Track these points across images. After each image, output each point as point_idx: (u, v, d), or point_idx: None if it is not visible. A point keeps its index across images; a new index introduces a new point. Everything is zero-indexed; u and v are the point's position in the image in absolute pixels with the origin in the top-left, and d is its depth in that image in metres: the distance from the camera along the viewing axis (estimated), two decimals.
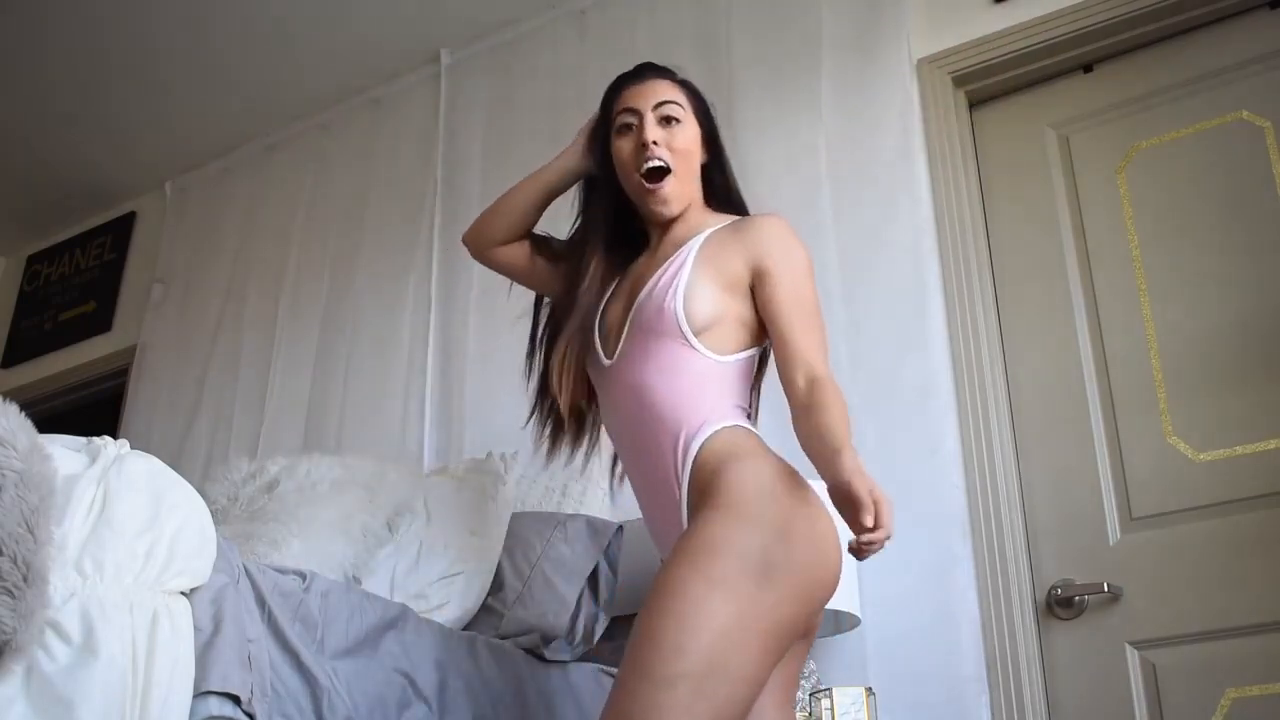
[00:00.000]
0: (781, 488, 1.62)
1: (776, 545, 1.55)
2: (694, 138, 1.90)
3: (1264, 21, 2.57)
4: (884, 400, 2.56)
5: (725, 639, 1.46)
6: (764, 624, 1.51)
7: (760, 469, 1.64)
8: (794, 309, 1.74)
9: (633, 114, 1.88)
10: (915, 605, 2.37)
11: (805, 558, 1.57)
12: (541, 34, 3.53)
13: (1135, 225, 2.58)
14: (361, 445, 3.22)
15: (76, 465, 1.49)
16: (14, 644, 1.28)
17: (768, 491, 1.60)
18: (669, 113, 1.88)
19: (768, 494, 1.60)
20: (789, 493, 1.62)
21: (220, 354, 3.82)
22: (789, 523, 1.58)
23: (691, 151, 1.90)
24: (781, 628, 1.54)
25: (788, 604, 1.54)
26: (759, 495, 1.59)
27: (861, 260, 2.70)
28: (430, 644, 1.99)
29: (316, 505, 2.39)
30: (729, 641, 1.47)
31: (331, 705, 1.71)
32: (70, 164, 4.28)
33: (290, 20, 3.59)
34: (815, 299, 1.78)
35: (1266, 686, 2.15)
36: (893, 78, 2.83)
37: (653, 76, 1.94)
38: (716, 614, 1.47)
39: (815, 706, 2.10)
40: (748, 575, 1.51)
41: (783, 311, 1.74)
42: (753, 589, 1.51)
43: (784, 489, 1.62)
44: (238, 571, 1.64)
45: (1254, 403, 2.33)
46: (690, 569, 1.51)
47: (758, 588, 1.51)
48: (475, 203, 3.43)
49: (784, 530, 1.57)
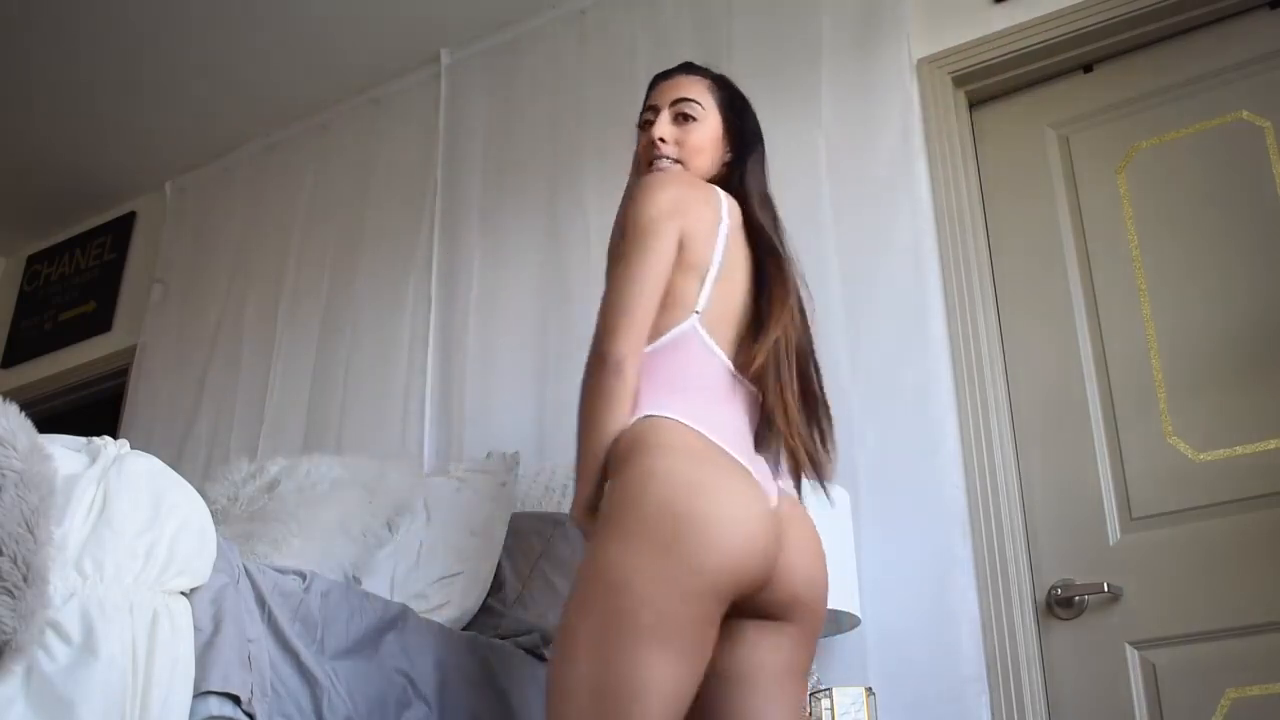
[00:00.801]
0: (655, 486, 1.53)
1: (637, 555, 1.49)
2: (710, 136, 1.91)
3: (1264, 21, 2.57)
4: (884, 400, 2.56)
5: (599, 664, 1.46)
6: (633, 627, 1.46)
7: (635, 473, 1.56)
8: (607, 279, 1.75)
9: (653, 110, 1.93)
10: (915, 605, 2.37)
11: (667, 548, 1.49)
12: (541, 34, 3.53)
13: (1135, 225, 2.58)
14: (361, 445, 3.22)
15: (76, 465, 1.49)
16: (14, 644, 1.28)
17: (634, 499, 1.54)
18: (685, 110, 1.90)
19: (633, 502, 1.54)
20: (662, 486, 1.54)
21: (220, 354, 3.82)
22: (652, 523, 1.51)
23: (704, 149, 1.90)
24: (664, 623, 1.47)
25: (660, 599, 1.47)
26: (624, 508, 1.54)
27: (861, 260, 2.70)
28: (430, 644, 1.99)
29: (316, 505, 2.39)
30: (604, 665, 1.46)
31: (331, 705, 1.71)
32: (70, 164, 4.28)
33: (290, 20, 3.59)
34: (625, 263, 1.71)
35: (1266, 686, 2.15)
36: (893, 78, 2.83)
37: (681, 74, 1.97)
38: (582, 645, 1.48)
39: (815, 706, 2.10)
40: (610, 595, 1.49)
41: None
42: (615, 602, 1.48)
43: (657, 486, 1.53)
44: (238, 571, 1.64)
45: (1254, 403, 2.33)
46: (571, 605, 1.54)
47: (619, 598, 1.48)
48: (475, 203, 3.44)
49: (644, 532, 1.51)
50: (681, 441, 1.60)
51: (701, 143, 1.90)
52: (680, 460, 1.57)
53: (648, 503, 1.53)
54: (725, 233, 1.79)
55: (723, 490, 1.56)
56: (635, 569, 1.49)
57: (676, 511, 1.51)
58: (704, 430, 1.63)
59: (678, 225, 1.73)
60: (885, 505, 2.47)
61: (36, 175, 4.33)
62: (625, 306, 1.67)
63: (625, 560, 1.50)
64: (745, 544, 1.54)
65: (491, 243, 3.34)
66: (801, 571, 1.67)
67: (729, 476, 1.60)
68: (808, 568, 1.68)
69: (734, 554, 1.52)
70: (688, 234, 1.74)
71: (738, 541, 1.53)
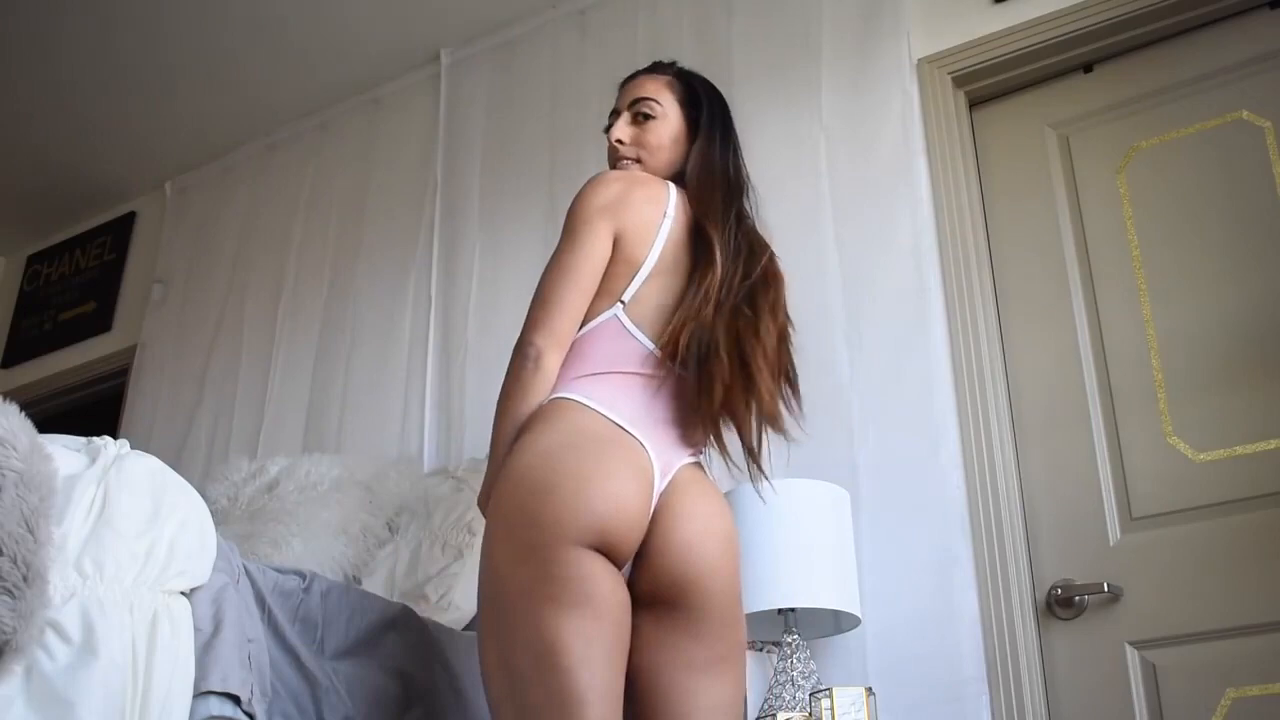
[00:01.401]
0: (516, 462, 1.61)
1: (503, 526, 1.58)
2: (669, 132, 1.95)
3: (1264, 21, 2.57)
4: (884, 400, 2.56)
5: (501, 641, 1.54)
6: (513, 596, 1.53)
7: (511, 455, 1.64)
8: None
9: (614, 114, 1.99)
10: (915, 605, 2.37)
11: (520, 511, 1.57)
12: (541, 34, 3.53)
13: (1135, 225, 2.58)
14: (361, 445, 3.22)
15: (76, 465, 1.49)
16: (14, 644, 1.28)
17: (503, 477, 1.62)
18: (642, 109, 1.95)
19: (502, 479, 1.62)
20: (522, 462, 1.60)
21: (220, 354, 3.82)
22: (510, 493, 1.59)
23: (663, 145, 1.94)
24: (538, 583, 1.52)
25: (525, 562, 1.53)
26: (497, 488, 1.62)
27: (861, 260, 2.70)
28: (430, 644, 1.99)
29: (317, 505, 2.39)
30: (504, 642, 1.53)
31: (331, 705, 1.71)
32: (70, 164, 4.28)
33: (290, 20, 3.59)
34: (554, 258, 1.78)
35: (1266, 686, 2.15)
36: (893, 78, 2.83)
37: (644, 74, 2.02)
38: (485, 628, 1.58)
39: (815, 706, 2.10)
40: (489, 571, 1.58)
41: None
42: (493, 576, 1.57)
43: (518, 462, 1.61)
44: (238, 571, 1.64)
45: (1254, 403, 2.33)
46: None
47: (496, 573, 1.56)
48: (475, 202, 3.44)
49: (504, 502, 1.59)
50: (563, 417, 1.66)
51: (660, 140, 1.94)
52: (549, 434, 1.63)
53: (509, 478, 1.60)
54: (668, 229, 1.81)
55: (581, 453, 1.60)
56: (499, 545, 1.57)
57: (529, 478, 1.58)
58: (596, 405, 1.68)
59: (611, 223, 1.78)
60: (885, 505, 2.47)
61: (36, 175, 4.33)
62: (546, 299, 1.75)
63: (495, 534, 1.59)
64: (592, 491, 1.56)
65: (491, 242, 3.34)
66: (694, 548, 1.64)
67: (599, 444, 1.63)
68: (695, 542, 1.65)
69: (577, 497, 1.55)
70: (623, 230, 1.79)
71: (581, 486, 1.56)
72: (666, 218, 1.82)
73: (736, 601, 1.71)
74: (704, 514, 1.69)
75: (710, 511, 1.71)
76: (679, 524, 1.66)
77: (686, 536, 1.65)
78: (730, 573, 1.69)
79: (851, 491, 2.41)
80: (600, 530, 1.56)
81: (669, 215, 1.83)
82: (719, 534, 1.70)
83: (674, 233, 1.82)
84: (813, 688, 2.19)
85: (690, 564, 1.64)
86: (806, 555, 2.23)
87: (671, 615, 1.65)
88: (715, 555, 1.67)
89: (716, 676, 1.66)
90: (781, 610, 2.26)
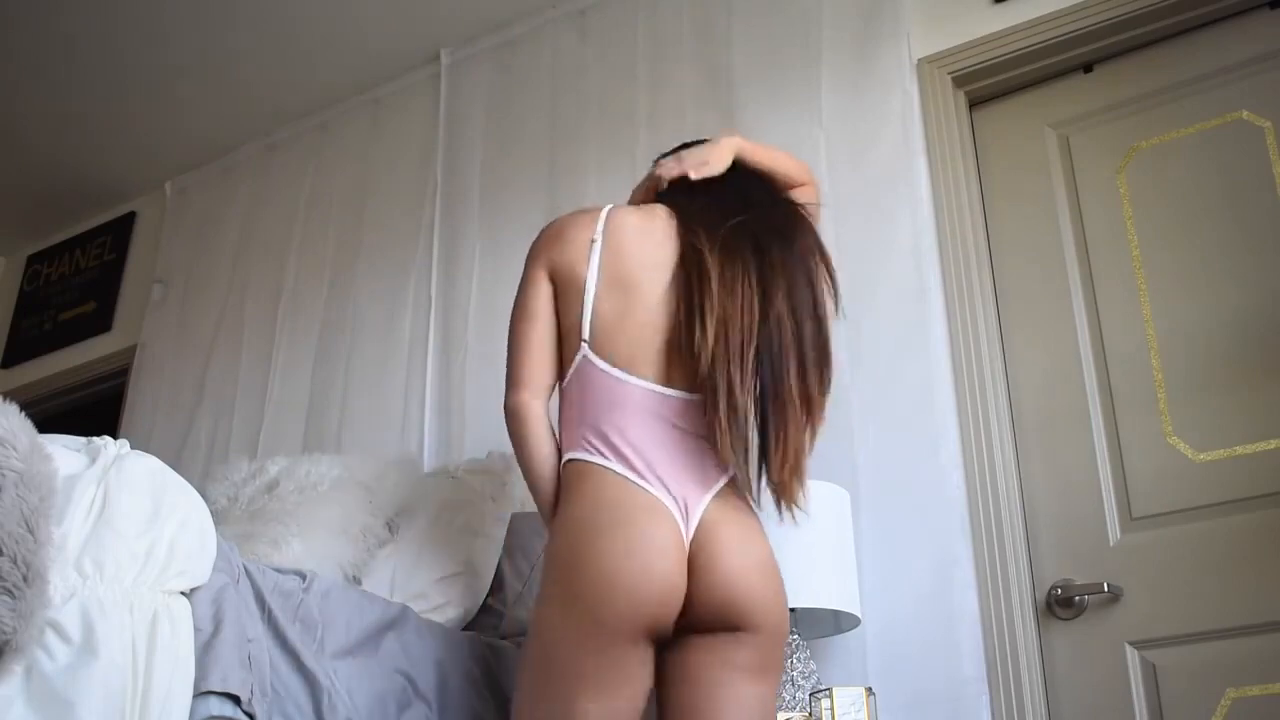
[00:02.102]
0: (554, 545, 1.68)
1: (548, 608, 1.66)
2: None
3: (1264, 21, 2.57)
4: (884, 400, 2.56)
5: (533, 706, 1.65)
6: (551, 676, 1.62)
7: (550, 532, 1.72)
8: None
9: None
10: (915, 605, 2.37)
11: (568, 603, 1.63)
12: (541, 34, 3.53)
13: (1135, 225, 2.58)
14: (361, 445, 3.22)
15: (76, 465, 1.49)
16: (14, 644, 1.28)
17: (546, 557, 1.70)
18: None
19: (546, 560, 1.70)
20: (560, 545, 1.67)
21: (220, 354, 3.82)
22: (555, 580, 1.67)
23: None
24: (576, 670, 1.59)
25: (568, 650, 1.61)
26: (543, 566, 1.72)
27: (861, 260, 2.70)
28: (430, 644, 1.99)
29: (316, 505, 2.39)
30: (536, 708, 1.64)
31: (331, 705, 1.71)
32: (70, 164, 4.28)
33: (290, 20, 3.59)
34: (516, 311, 1.85)
35: (1266, 686, 2.15)
36: (893, 78, 2.83)
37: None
38: (523, 690, 1.69)
39: (815, 706, 2.10)
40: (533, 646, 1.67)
41: None
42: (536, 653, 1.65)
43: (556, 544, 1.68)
44: (238, 571, 1.64)
45: (1254, 403, 2.33)
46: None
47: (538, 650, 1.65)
48: (475, 203, 3.44)
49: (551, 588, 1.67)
50: (585, 489, 1.68)
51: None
52: (582, 507, 1.67)
53: (551, 561, 1.67)
54: (598, 250, 1.80)
55: (617, 539, 1.62)
56: (550, 623, 1.63)
57: (570, 562, 1.63)
58: (610, 463, 1.69)
59: (544, 262, 1.83)
60: (885, 505, 2.47)
61: (36, 175, 4.33)
62: (509, 356, 1.83)
63: (542, 614, 1.66)
64: (643, 584, 1.59)
65: (491, 243, 3.33)
66: (730, 582, 1.65)
67: (625, 519, 1.64)
68: (733, 579, 1.66)
69: (630, 601, 1.59)
70: (555, 265, 1.82)
71: (633, 581, 1.59)
72: (595, 242, 1.82)
73: (783, 620, 1.71)
74: (737, 547, 1.68)
75: (743, 539, 1.70)
76: (715, 564, 1.66)
77: (722, 577, 1.65)
78: (772, 596, 1.69)
79: (851, 491, 2.41)
80: (652, 619, 1.61)
81: (597, 239, 1.82)
82: (755, 563, 1.69)
83: (610, 253, 1.81)
84: (813, 688, 2.19)
85: (732, 600, 1.65)
86: (806, 555, 2.23)
87: (716, 633, 1.67)
88: (757, 584, 1.67)
89: (751, 677, 1.67)
90: None
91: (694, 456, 1.72)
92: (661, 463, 1.69)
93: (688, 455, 1.71)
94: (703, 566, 1.65)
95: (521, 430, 1.78)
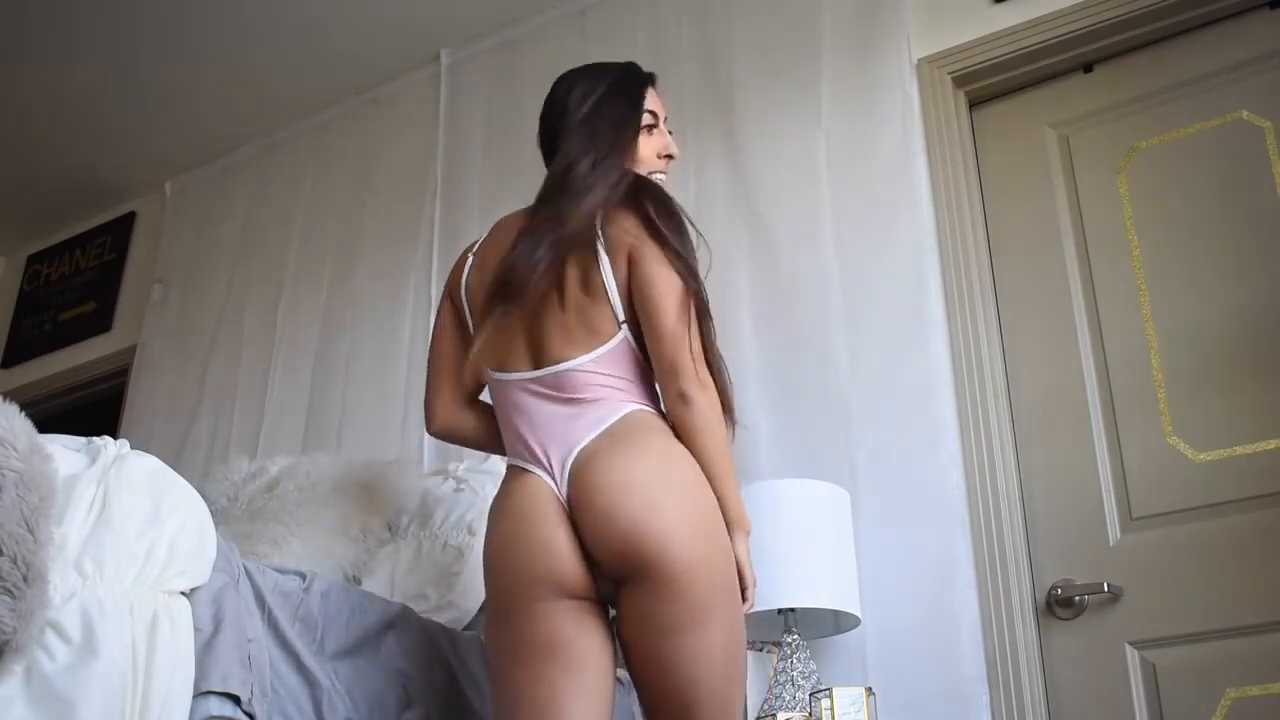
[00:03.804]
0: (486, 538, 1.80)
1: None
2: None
3: (1264, 21, 2.57)
4: (884, 400, 2.56)
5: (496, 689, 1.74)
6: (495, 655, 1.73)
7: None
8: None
9: (654, 117, 1.98)
10: (915, 605, 2.37)
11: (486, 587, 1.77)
12: (541, 34, 3.53)
13: (1135, 225, 2.58)
14: (361, 445, 3.22)
15: (76, 465, 1.49)
16: (14, 644, 1.28)
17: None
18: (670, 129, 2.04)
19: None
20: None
21: (220, 354, 3.82)
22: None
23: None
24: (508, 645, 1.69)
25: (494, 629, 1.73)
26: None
27: (861, 260, 2.70)
28: (430, 644, 1.99)
29: (317, 505, 2.39)
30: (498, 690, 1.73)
31: (331, 705, 1.71)
32: (70, 164, 4.28)
33: (290, 20, 3.59)
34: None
35: (1266, 686, 2.15)
36: (893, 78, 2.83)
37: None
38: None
39: (815, 706, 2.10)
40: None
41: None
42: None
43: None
44: (238, 571, 1.64)
45: (1254, 403, 2.33)
46: None
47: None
48: (475, 203, 3.44)
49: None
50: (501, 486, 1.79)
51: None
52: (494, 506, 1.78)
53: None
54: (470, 261, 1.93)
55: (494, 518, 1.75)
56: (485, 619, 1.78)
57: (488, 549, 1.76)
58: (507, 457, 1.81)
59: (445, 289, 1.96)
60: (885, 505, 2.47)
61: (36, 175, 4.33)
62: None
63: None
64: (511, 550, 1.69)
65: None
66: (599, 525, 1.60)
67: (505, 500, 1.74)
68: (607, 516, 1.59)
69: (504, 566, 1.70)
70: (451, 287, 1.94)
71: (503, 554, 1.70)
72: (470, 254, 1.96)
73: (689, 558, 1.57)
74: (607, 482, 1.61)
75: (613, 474, 1.62)
76: (589, 506, 1.62)
77: (596, 516, 1.61)
78: (660, 528, 1.57)
79: (851, 491, 2.41)
80: (540, 577, 1.66)
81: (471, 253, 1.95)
82: (630, 493, 1.59)
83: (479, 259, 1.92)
84: (813, 688, 2.19)
85: (612, 538, 1.59)
86: (806, 555, 2.23)
87: (634, 587, 1.60)
88: (633, 517, 1.58)
89: (681, 635, 1.57)
90: (781, 610, 2.26)
91: (554, 420, 1.72)
92: (530, 438, 1.74)
93: (548, 421, 1.73)
94: (581, 505, 1.63)
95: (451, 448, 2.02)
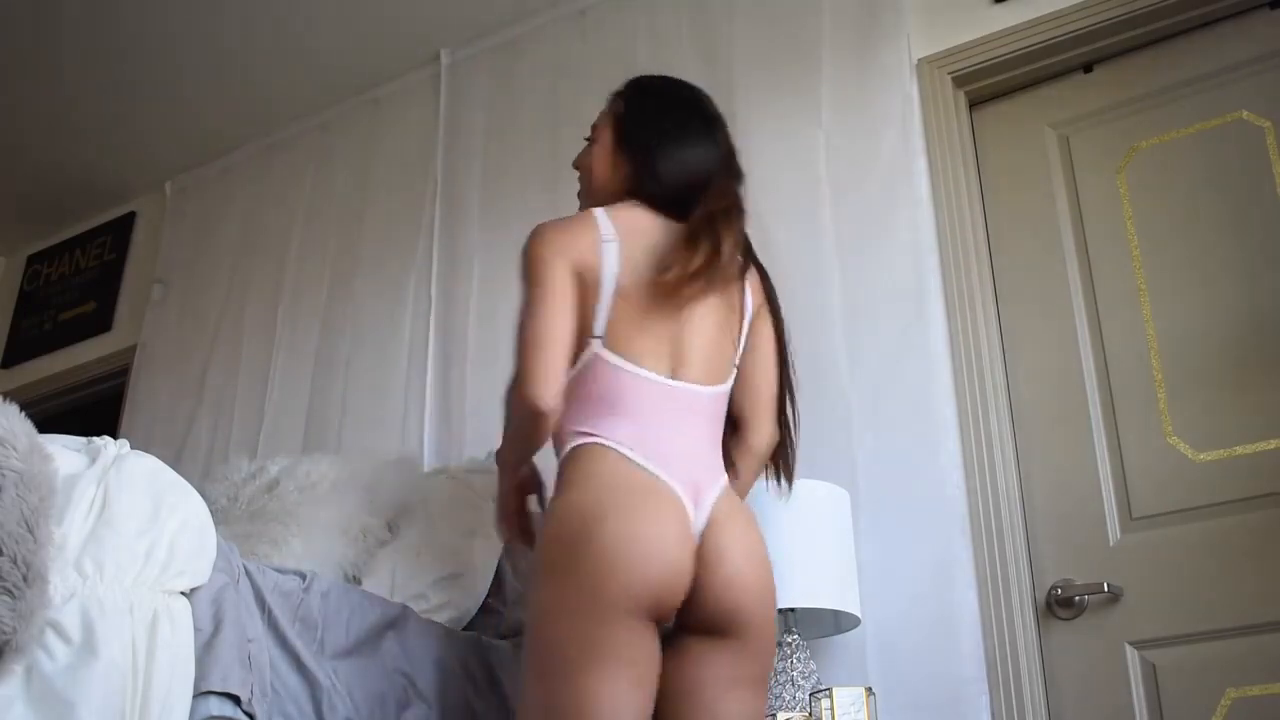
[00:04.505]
0: (554, 523, 1.65)
1: (549, 589, 1.62)
2: (600, 152, 1.98)
3: (1264, 21, 2.57)
4: (883, 400, 2.56)
5: (544, 693, 1.59)
6: (561, 657, 1.58)
7: (549, 512, 1.69)
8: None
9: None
10: (915, 605, 2.37)
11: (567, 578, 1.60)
12: (541, 34, 3.53)
13: (1135, 225, 2.58)
14: (361, 445, 3.22)
15: (76, 465, 1.49)
16: (14, 644, 1.28)
17: (545, 537, 1.66)
18: (586, 136, 2.03)
19: (544, 541, 1.66)
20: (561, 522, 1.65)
21: (220, 354, 3.82)
22: (554, 557, 1.63)
23: (591, 167, 1.99)
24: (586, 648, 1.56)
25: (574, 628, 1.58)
26: (540, 547, 1.67)
27: (861, 260, 2.70)
28: (430, 644, 1.99)
29: (317, 505, 2.39)
30: (548, 694, 1.58)
31: (331, 705, 1.71)
32: (70, 164, 4.28)
33: (290, 20, 3.59)
34: (527, 307, 1.76)
35: (1266, 686, 2.15)
36: (892, 78, 2.83)
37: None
38: (529, 677, 1.63)
39: (815, 706, 2.10)
40: (536, 630, 1.62)
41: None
42: (541, 636, 1.61)
43: (557, 523, 1.65)
44: (238, 571, 1.64)
45: (1253, 403, 2.33)
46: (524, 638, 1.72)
47: (543, 632, 1.61)
48: (475, 203, 3.44)
49: (550, 567, 1.63)
50: (594, 469, 1.68)
51: (588, 162, 2.00)
52: (586, 491, 1.65)
53: (550, 539, 1.63)
54: (615, 249, 1.79)
55: (622, 512, 1.61)
56: (550, 603, 1.60)
57: (573, 542, 1.59)
58: (622, 446, 1.69)
59: (567, 262, 1.77)
60: (885, 505, 2.47)
61: (36, 175, 4.33)
62: (536, 344, 1.72)
63: (541, 596, 1.62)
64: (647, 562, 1.59)
65: (491, 242, 3.33)
66: (738, 581, 1.68)
67: (634, 497, 1.64)
68: (744, 577, 1.69)
69: (634, 573, 1.57)
70: (579, 266, 1.77)
71: (637, 561, 1.58)
72: (604, 242, 1.79)
73: (773, 624, 1.75)
74: (744, 547, 1.71)
75: (750, 541, 1.73)
76: (724, 559, 1.68)
77: (730, 572, 1.68)
78: (771, 600, 1.74)
79: (851, 491, 2.41)
80: (655, 600, 1.60)
81: (605, 239, 1.79)
82: (759, 564, 1.73)
83: (630, 251, 1.79)
84: (813, 688, 2.19)
85: (736, 598, 1.68)
86: (806, 555, 2.23)
87: (717, 639, 1.68)
88: (758, 586, 1.71)
89: (750, 689, 1.71)
90: (781, 610, 2.25)
91: (704, 445, 1.77)
92: (674, 453, 1.71)
93: (697, 443, 1.76)
94: (713, 562, 1.67)
95: (534, 428, 1.73)
